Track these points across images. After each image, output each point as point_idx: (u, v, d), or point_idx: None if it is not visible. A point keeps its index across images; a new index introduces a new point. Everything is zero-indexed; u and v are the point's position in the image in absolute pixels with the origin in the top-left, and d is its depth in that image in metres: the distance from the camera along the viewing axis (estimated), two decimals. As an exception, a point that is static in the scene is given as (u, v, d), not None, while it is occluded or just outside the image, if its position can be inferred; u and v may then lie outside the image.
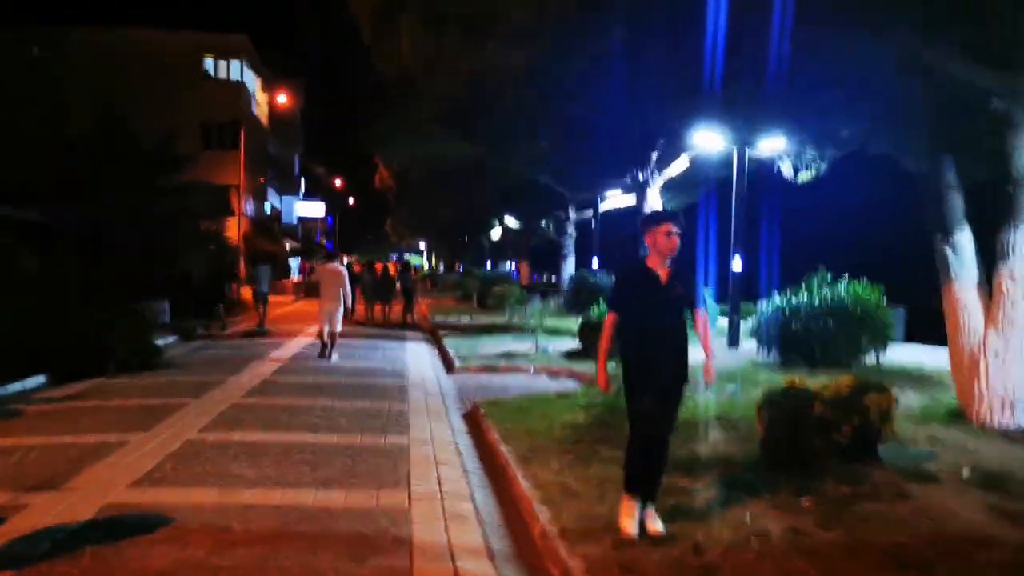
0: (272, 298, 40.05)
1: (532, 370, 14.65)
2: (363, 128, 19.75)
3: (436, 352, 18.29)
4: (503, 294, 29.58)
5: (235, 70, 42.04)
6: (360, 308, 29.74)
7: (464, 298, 39.40)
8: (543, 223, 41.13)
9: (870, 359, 14.21)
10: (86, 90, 34.53)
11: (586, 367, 14.43)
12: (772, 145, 18.58)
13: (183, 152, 26.23)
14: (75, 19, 38.40)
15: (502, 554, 5.53)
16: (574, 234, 34.22)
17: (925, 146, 10.66)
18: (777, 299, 14.82)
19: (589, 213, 34.86)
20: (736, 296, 18.70)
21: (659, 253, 5.58)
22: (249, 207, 44.94)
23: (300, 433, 8.90)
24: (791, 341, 14.19)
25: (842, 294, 14.10)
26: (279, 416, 9.82)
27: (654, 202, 18.85)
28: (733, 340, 18.42)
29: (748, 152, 18.50)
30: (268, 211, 53.53)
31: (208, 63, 41.77)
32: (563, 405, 10.33)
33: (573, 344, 17.65)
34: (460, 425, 10.02)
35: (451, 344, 18.33)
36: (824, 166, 19.51)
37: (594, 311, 16.38)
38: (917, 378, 12.82)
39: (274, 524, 5.79)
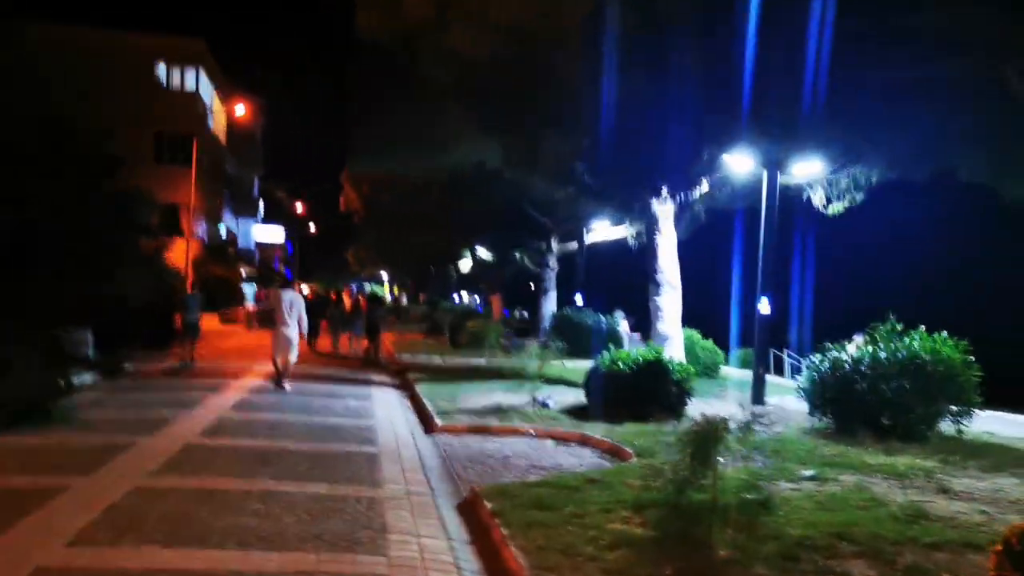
0: (223, 328, 37.01)
1: (534, 433, 11.77)
2: (335, 134, 16.74)
3: (409, 402, 15.33)
4: (479, 331, 26.67)
5: (191, 79, 39.00)
6: (326, 341, 27.14)
7: (432, 332, 36.37)
8: (518, 255, 38.45)
9: (947, 428, 11.56)
10: (33, 91, 31.22)
11: (600, 430, 11.60)
12: (807, 169, 16.06)
13: (122, 155, 23.27)
14: (26, 13, 35.09)
15: None
16: (556, 267, 31.50)
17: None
18: (835, 352, 12.14)
19: (572, 245, 32.26)
20: (763, 343, 16.04)
21: None
22: (201, 228, 41.67)
23: (222, 549, 5.91)
24: (854, 405, 11.49)
25: (916, 349, 11.43)
26: (197, 513, 6.80)
27: (667, 230, 16.21)
28: (758, 397, 15.70)
29: (780, 178, 15.92)
30: (223, 234, 50.24)
31: (162, 70, 38.65)
32: (600, 498, 7.45)
33: (574, 397, 14.82)
34: (458, 527, 7.11)
35: (427, 392, 15.39)
36: (860, 196, 17.09)
37: (604, 358, 13.57)
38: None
39: None
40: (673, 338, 16.25)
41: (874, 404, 11.26)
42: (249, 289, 55.98)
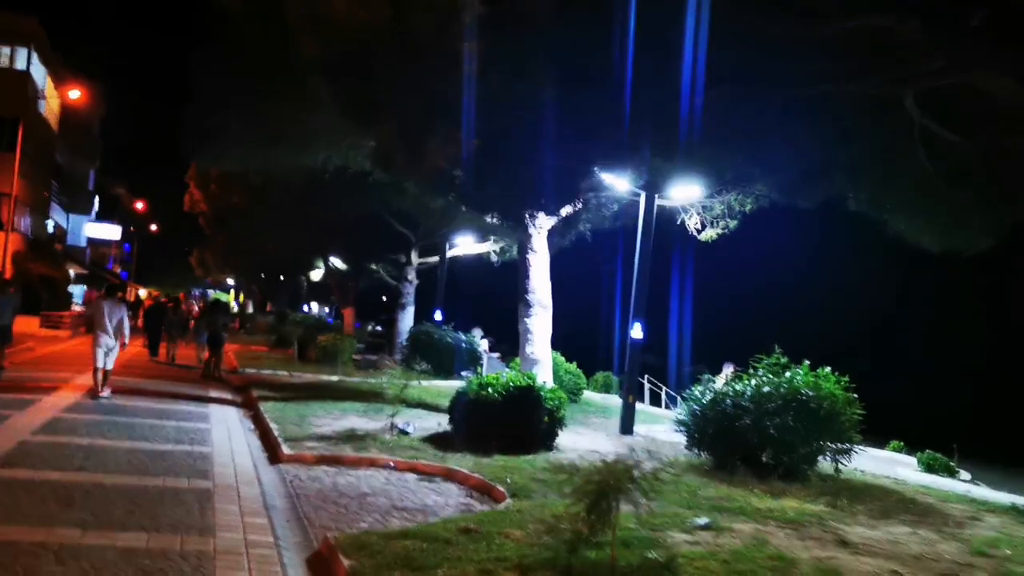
0: (46, 333, 33.53)
1: (393, 465, 10.57)
2: (181, 126, 14.82)
3: (252, 425, 13.77)
4: (331, 345, 25.11)
5: (21, 59, 35.45)
6: (163, 348, 25.44)
7: (279, 345, 34.30)
8: (375, 266, 36.98)
9: (824, 466, 11.19)
10: None
11: (468, 463, 10.55)
12: (685, 193, 15.65)
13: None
14: None
15: None
16: (415, 281, 30.28)
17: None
18: (717, 384, 11.58)
19: (433, 259, 31.17)
20: (633, 370, 15.43)
21: None
22: (25, 222, 37.91)
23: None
24: (735, 441, 10.93)
25: (799, 384, 11.00)
26: (-34, 579, 5.28)
27: (540, 248, 15.38)
28: (627, 426, 15.08)
29: (658, 200, 15.43)
30: (51, 230, 46.11)
31: (-11, 47, 35.00)
32: (478, 554, 6.36)
33: (436, 422, 13.72)
34: (309, 592, 5.88)
35: (273, 413, 13.90)
36: (733, 223, 16.89)
37: (472, 383, 12.51)
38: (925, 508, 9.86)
39: None
40: (542, 361, 15.43)
41: (755, 441, 10.74)
42: (78, 290, 51.69)
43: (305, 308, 62.00)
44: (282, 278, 58.72)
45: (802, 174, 11.98)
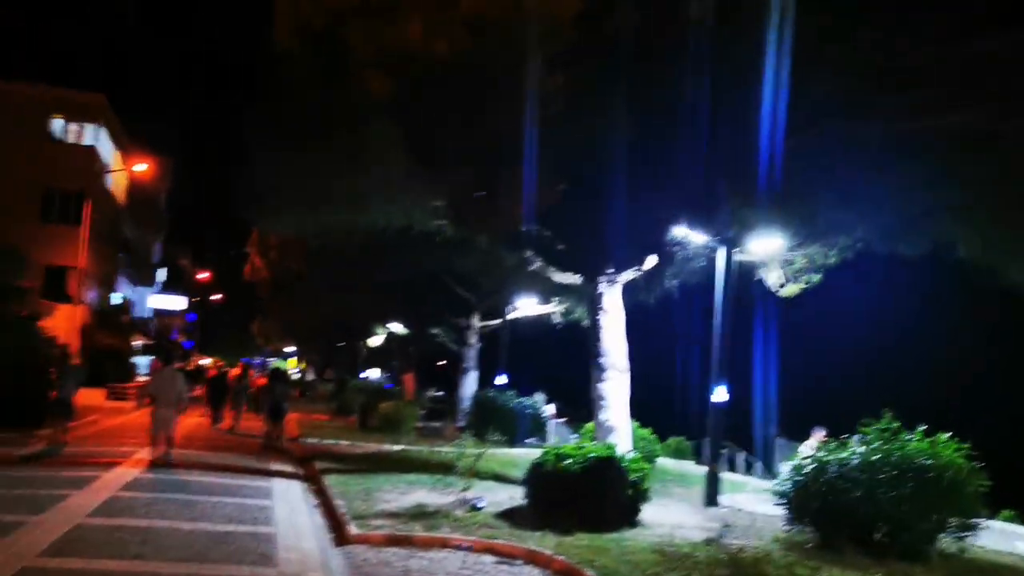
0: (112, 404, 33.41)
1: (469, 546, 9.76)
2: (242, 176, 14.50)
3: (316, 500, 13.09)
4: (393, 413, 24.47)
5: (89, 134, 36.27)
6: (228, 417, 25.56)
7: (340, 412, 33.81)
8: (435, 330, 36.48)
9: (948, 544, 10.05)
10: None
11: (549, 543, 9.69)
12: (767, 246, 14.80)
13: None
14: None
15: None
16: (477, 345, 29.61)
17: None
18: (820, 452, 10.58)
19: (494, 322, 30.51)
20: (717, 436, 14.45)
21: None
22: (92, 295, 38.39)
23: None
24: (843, 516, 9.89)
25: (913, 451, 9.95)
26: None
27: (613, 307, 14.59)
28: (711, 497, 14.04)
29: (737, 255, 14.61)
30: (118, 301, 46.73)
31: (58, 125, 35.88)
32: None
33: (507, 495, 12.89)
34: None
35: (337, 487, 13.21)
36: (817, 278, 15.94)
37: (549, 454, 11.68)
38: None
39: None
40: (619, 429, 14.51)
41: (867, 516, 9.69)
42: (144, 361, 52.15)
43: (364, 374, 61.71)
44: (341, 344, 58.65)
45: (903, 218, 11.07)
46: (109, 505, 10.72)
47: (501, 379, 28.44)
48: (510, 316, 28.78)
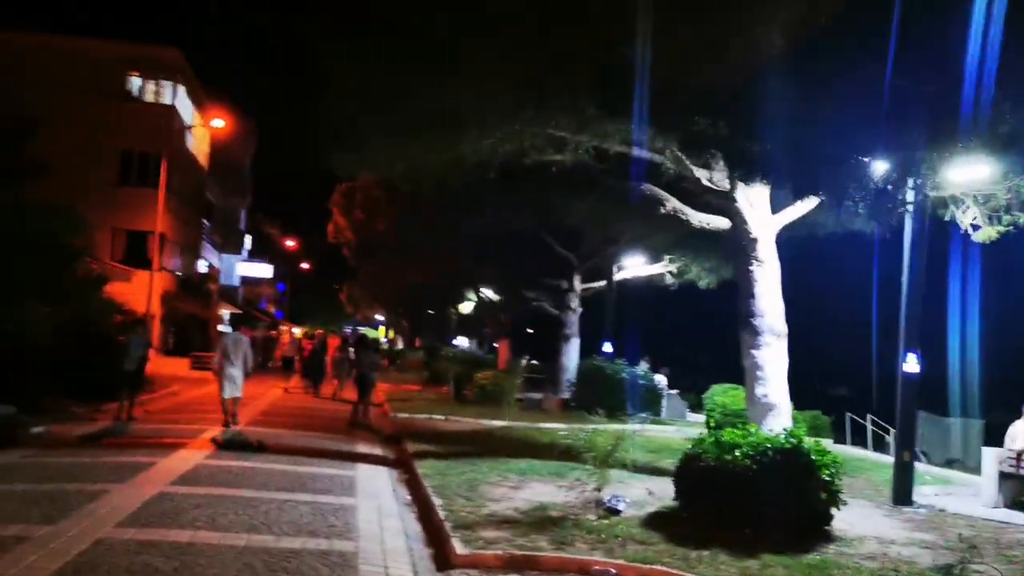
0: (195, 375, 31.90)
1: (617, 573, 7.12)
2: (322, 112, 12.00)
3: (408, 494, 10.67)
4: (492, 385, 22.05)
5: (167, 94, 34.65)
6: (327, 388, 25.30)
7: (432, 383, 31.68)
8: (531, 294, 33.93)
9: None
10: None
11: (731, 571, 6.99)
12: (964, 175, 11.61)
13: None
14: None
15: None
16: (579, 309, 26.88)
17: None
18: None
19: (596, 284, 27.76)
20: (910, 415, 11.45)
21: None
22: (175, 261, 37.05)
23: None
24: None
25: None
26: None
27: (768, 257, 11.69)
28: (902, 494, 11.06)
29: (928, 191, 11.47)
30: (204, 269, 45.59)
31: (135, 83, 34.35)
32: None
33: (643, 488, 10.27)
34: None
35: (434, 479, 10.74)
36: (1024, 217, 12.63)
37: (706, 442, 8.94)
38: None
39: None
40: (779, 407, 11.64)
41: None
42: (230, 331, 51.12)
43: (454, 342, 59.83)
44: (430, 312, 56.78)
45: None
46: (151, 507, 8.46)
47: (607, 347, 25.72)
48: (616, 277, 25.97)
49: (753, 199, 11.86)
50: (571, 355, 26.21)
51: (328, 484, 10.60)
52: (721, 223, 12.36)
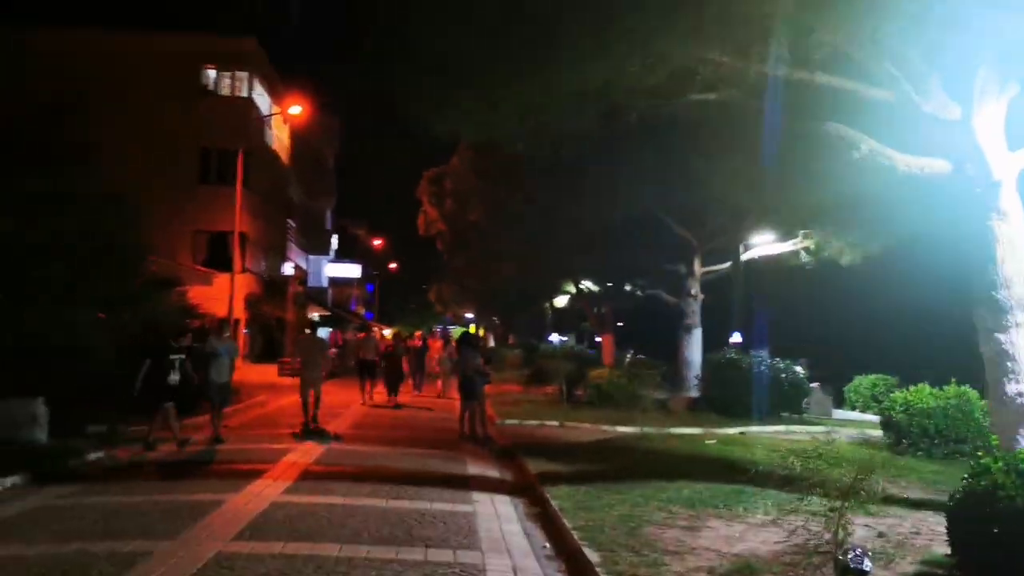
0: (284, 381, 29.74)
1: None
2: (409, 65, 9.44)
3: (544, 539, 7.96)
4: (613, 384, 19.29)
5: (244, 86, 32.97)
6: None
7: (534, 382, 28.93)
8: (639, 282, 30.98)
9: None
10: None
11: None
12: None
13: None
14: (35, 18, 29.50)
15: None
16: (701, 296, 23.82)
17: None
18: None
19: (718, 267, 24.69)
20: None
21: None
22: (259, 262, 35.40)
23: None
24: None
25: None
26: None
27: (1014, 209, 8.66)
28: None
29: None
30: (290, 271, 44.00)
31: (211, 76, 32.73)
32: None
33: (865, 525, 7.38)
34: None
35: (577, 518, 8.03)
36: None
37: (996, 470, 6.00)
38: None
39: None
40: (1040, 410, 8.57)
41: None
42: (323, 333, 49.44)
43: (549, 338, 57.19)
44: (524, 307, 54.21)
45: None
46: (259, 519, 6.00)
47: (735, 337, 22.67)
48: (744, 257, 22.90)
49: (990, 129, 8.80)
50: (694, 348, 23.18)
51: (437, 528, 8.01)
52: (940, 166, 9.28)
